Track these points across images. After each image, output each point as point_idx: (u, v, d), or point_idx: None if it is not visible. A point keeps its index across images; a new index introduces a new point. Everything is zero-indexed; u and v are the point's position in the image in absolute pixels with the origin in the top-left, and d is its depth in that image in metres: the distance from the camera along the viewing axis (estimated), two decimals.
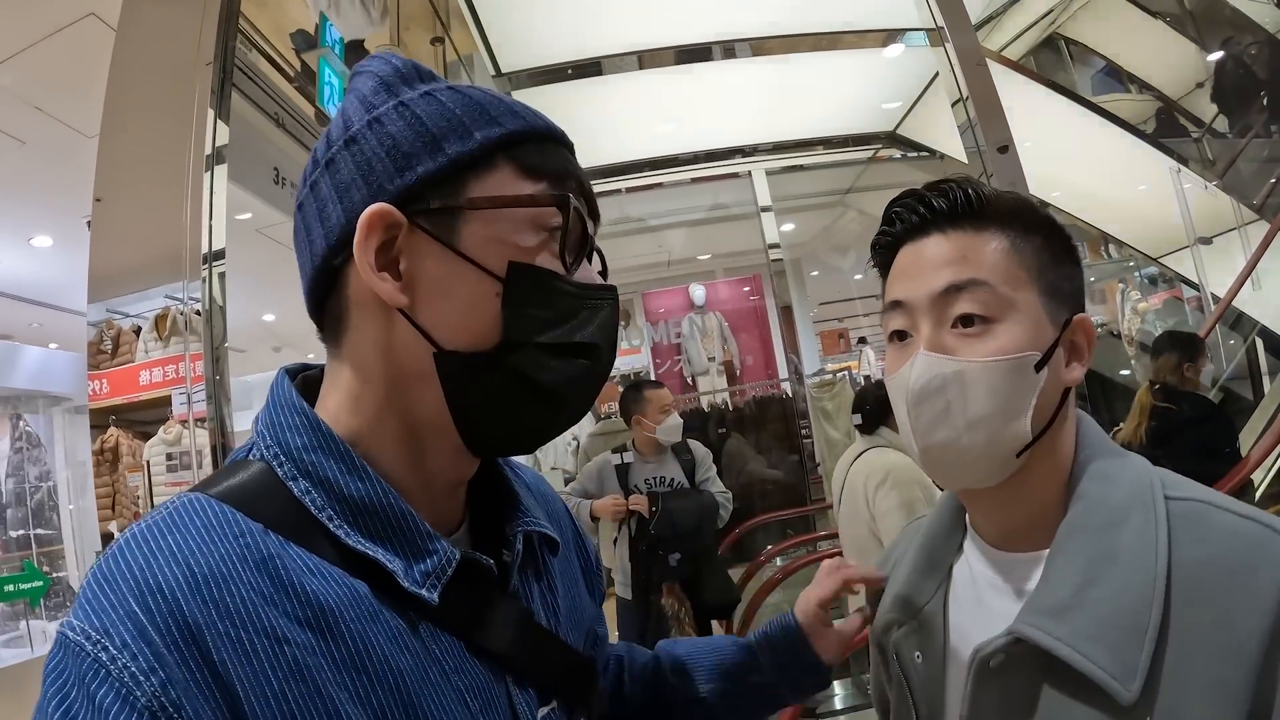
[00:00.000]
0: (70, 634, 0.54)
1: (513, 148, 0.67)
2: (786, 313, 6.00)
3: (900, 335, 0.85)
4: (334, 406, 0.68)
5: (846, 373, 8.06)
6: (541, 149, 0.69)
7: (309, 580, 0.60)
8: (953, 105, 2.96)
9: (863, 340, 10.30)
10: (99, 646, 0.52)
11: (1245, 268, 5.11)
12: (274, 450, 0.65)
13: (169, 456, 2.65)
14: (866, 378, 9.38)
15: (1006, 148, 2.72)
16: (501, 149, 0.66)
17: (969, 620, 0.87)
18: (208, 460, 2.52)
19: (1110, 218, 6.87)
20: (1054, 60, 7.41)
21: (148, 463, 2.64)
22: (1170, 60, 7.18)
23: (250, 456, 0.67)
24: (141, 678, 0.52)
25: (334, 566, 0.62)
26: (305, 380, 0.73)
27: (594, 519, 3.58)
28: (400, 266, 0.65)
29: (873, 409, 3.05)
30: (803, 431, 5.72)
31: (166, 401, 2.66)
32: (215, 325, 2.55)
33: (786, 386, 6.42)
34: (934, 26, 3.08)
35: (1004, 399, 0.77)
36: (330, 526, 0.63)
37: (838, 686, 4.14)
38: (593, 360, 0.69)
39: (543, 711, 0.72)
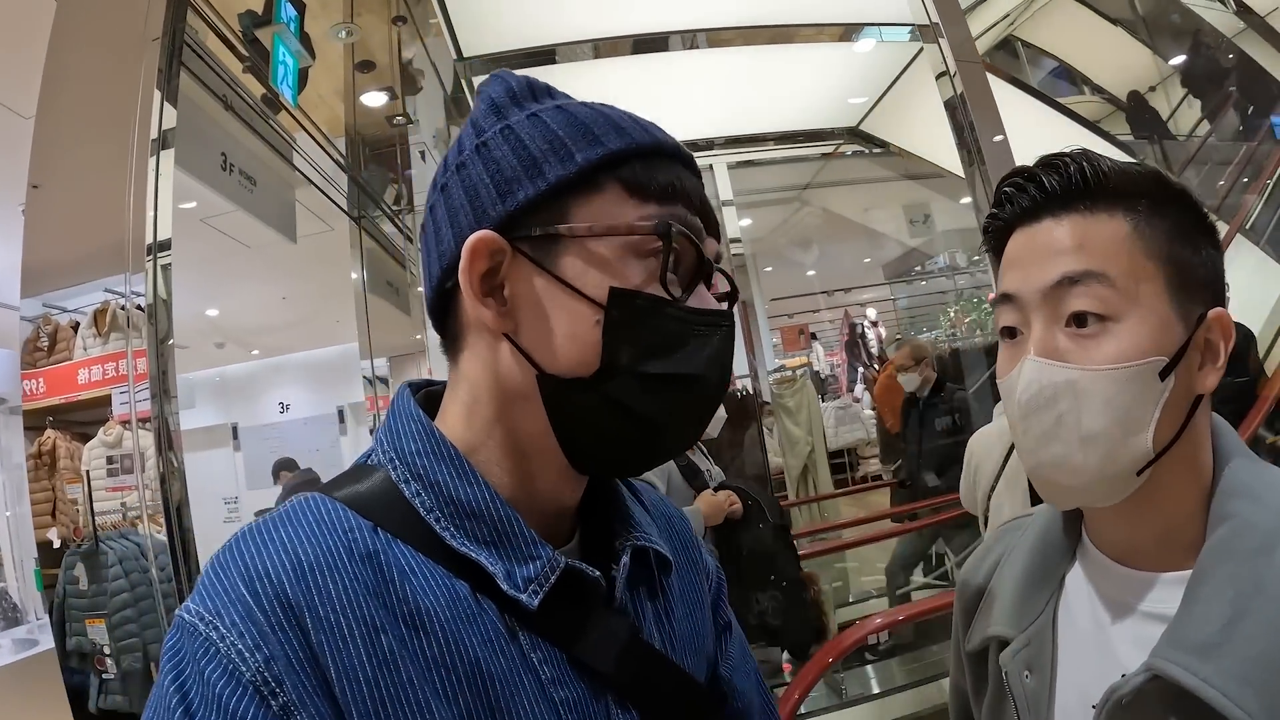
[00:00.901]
0: (186, 616, 0.58)
1: (618, 167, 0.66)
2: (745, 308, 5.97)
3: (1010, 332, 0.77)
4: (451, 419, 0.71)
5: (807, 369, 8.08)
6: (649, 166, 0.67)
7: (410, 578, 0.62)
8: (945, 101, 2.94)
9: (813, 336, 10.41)
10: (210, 627, 0.56)
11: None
12: (390, 455, 0.68)
13: (109, 460, 2.56)
14: (816, 373, 9.48)
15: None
16: (605, 169, 0.65)
17: (1084, 640, 0.80)
18: (151, 463, 2.39)
19: None
20: (1011, 62, 7.52)
21: (87, 472, 2.51)
22: (1124, 63, 7.34)
23: (370, 462, 0.70)
24: (247, 654, 0.55)
25: (438, 566, 0.64)
26: (428, 395, 0.76)
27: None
28: (505, 291, 0.67)
29: None
30: (768, 427, 5.70)
31: (106, 401, 2.57)
32: (160, 320, 2.44)
33: (745, 383, 6.39)
34: (927, 23, 3.06)
35: (1123, 412, 0.69)
36: (437, 528, 0.65)
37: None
38: (696, 389, 0.68)
39: None
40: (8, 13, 3.01)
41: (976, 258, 7.19)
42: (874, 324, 10.26)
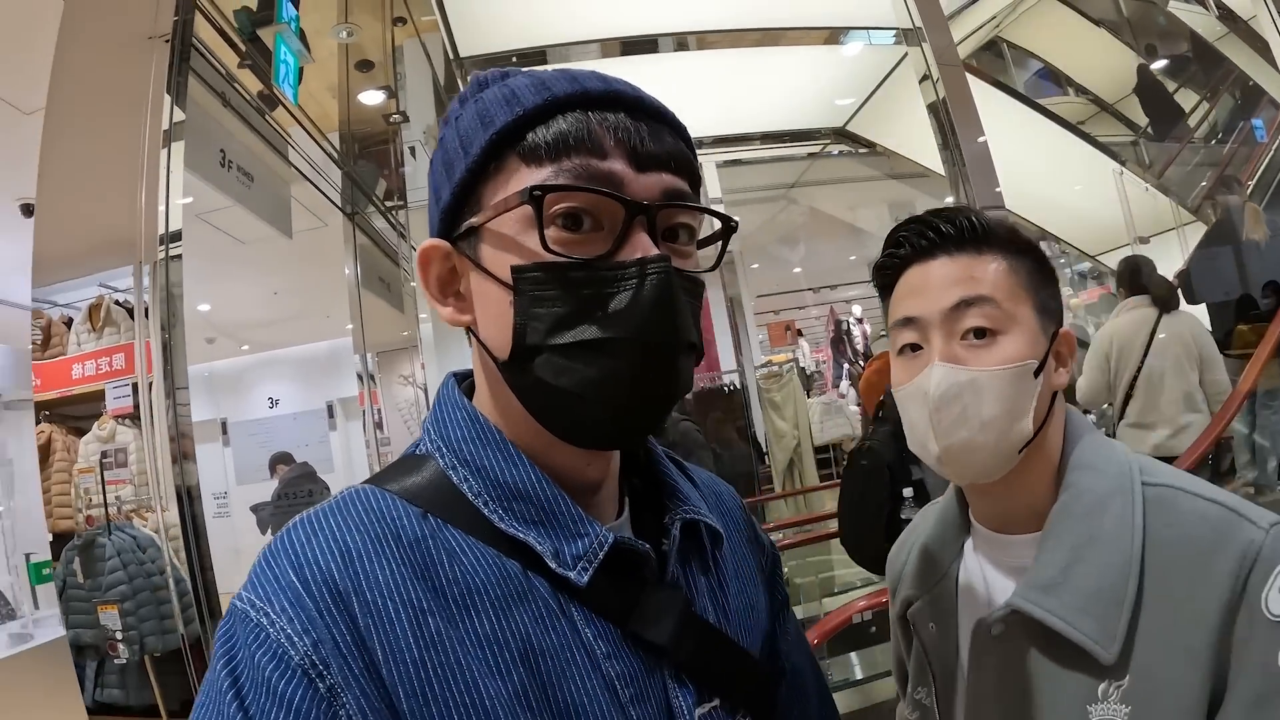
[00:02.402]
0: (239, 603, 0.59)
1: (517, 140, 0.64)
2: (734, 305, 6.03)
3: (912, 348, 0.94)
4: (480, 403, 0.72)
5: (794, 364, 8.14)
6: (548, 127, 0.63)
7: (459, 559, 0.63)
8: (928, 104, 3.01)
9: (799, 333, 10.46)
10: (260, 613, 0.58)
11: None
12: (437, 443, 0.70)
13: (104, 454, 2.60)
14: (802, 370, 9.55)
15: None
16: (505, 146, 0.64)
17: (975, 595, 0.99)
18: (165, 460, 2.43)
19: (1054, 216, 7.08)
20: (996, 63, 7.59)
21: (99, 462, 2.55)
22: (1108, 65, 7.42)
23: (418, 451, 0.72)
24: (296, 639, 0.56)
25: (489, 547, 0.64)
26: (472, 385, 0.76)
27: None
28: (460, 288, 0.69)
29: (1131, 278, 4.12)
30: (747, 422, 5.76)
31: (100, 396, 2.61)
32: (174, 312, 2.49)
33: (734, 378, 6.46)
34: (911, 26, 3.12)
35: (1011, 402, 0.87)
36: (485, 511, 0.65)
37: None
38: (621, 352, 0.61)
39: (702, 710, 0.70)
40: (10, 10, 3.03)
41: None
42: (859, 321, 10.34)
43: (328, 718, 0.55)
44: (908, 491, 2.57)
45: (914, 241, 0.95)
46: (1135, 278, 4.21)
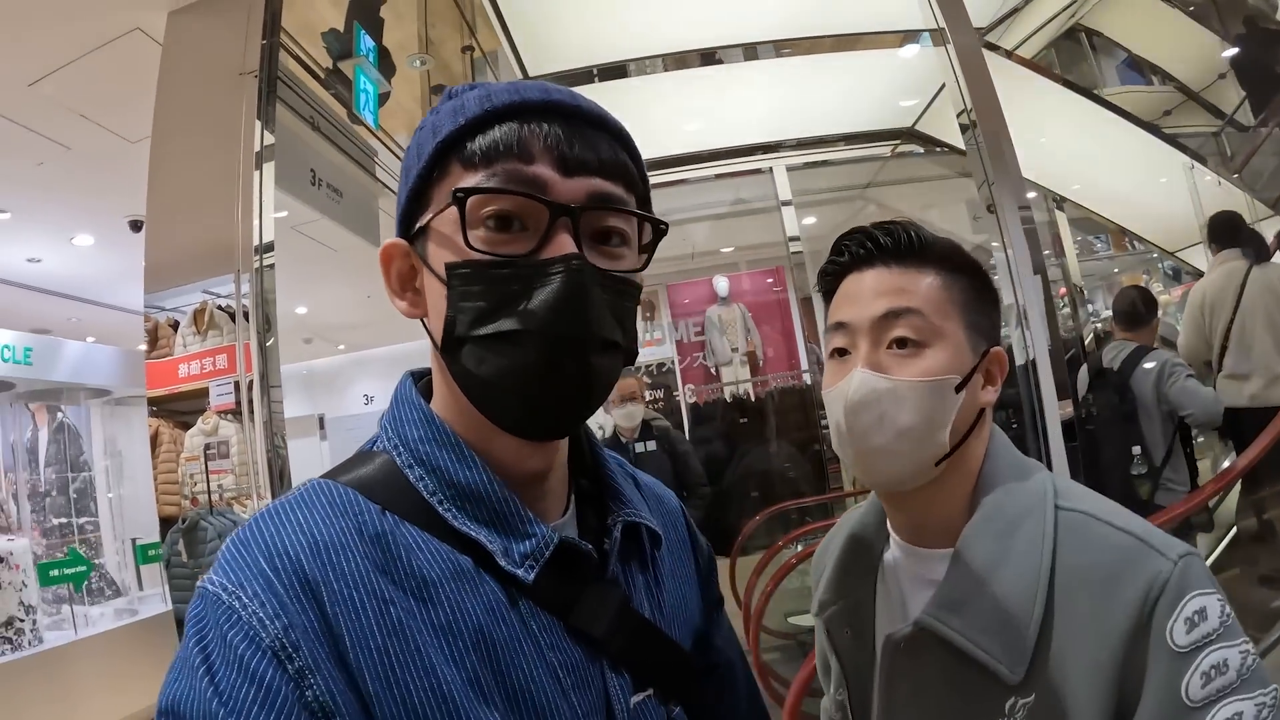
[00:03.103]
0: (210, 587, 0.62)
1: (459, 147, 0.68)
2: (806, 304, 6.07)
3: (841, 352, 0.96)
4: (436, 399, 0.76)
5: None
6: (485, 135, 0.67)
7: (416, 554, 0.66)
8: (958, 115, 3.03)
9: None
10: (233, 596, 0.60)
11: None
12: (394, 442, 0.73)
13: (207, 446, 2.80)
14: None
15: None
16: (449, 153, 0.68)
17: (891, 605, 1.00)
18: (258, 447, 2.67)
19: (1126, 213, 6.87)
20: (1075, 52, 7.37)
21: (204, 452, 2.76)
22: (1192, 52, 7.12)
23: (374, 448, 0.75)
24: (268, 622, 0.59)
25: (442, 543, 0.68)
26: (428, 383, 0.79)
27: None
28: (417, 284, 0.73)
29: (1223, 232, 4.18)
30: (822, 421, 5.79)
31: (204, 393, 2.81)
32: (270, 316, 2.68)
33: (807, 377, 6.51)
34: (936, 27, 3.16)
35: (928, 414, 0.89)
36: (440, 510, 0.69)
37: None
38: (536, 348, 0.64)
39: (636, 698, 0.74)
40: (118, 56, 3.34)
41: (1047, 252, 7.09)
42: None
43: (295, 696, 0.57)
44: None
45: (854, 250, 0.97)
46: (1227, 232, 4.25)
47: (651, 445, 4.11)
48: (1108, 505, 0.89)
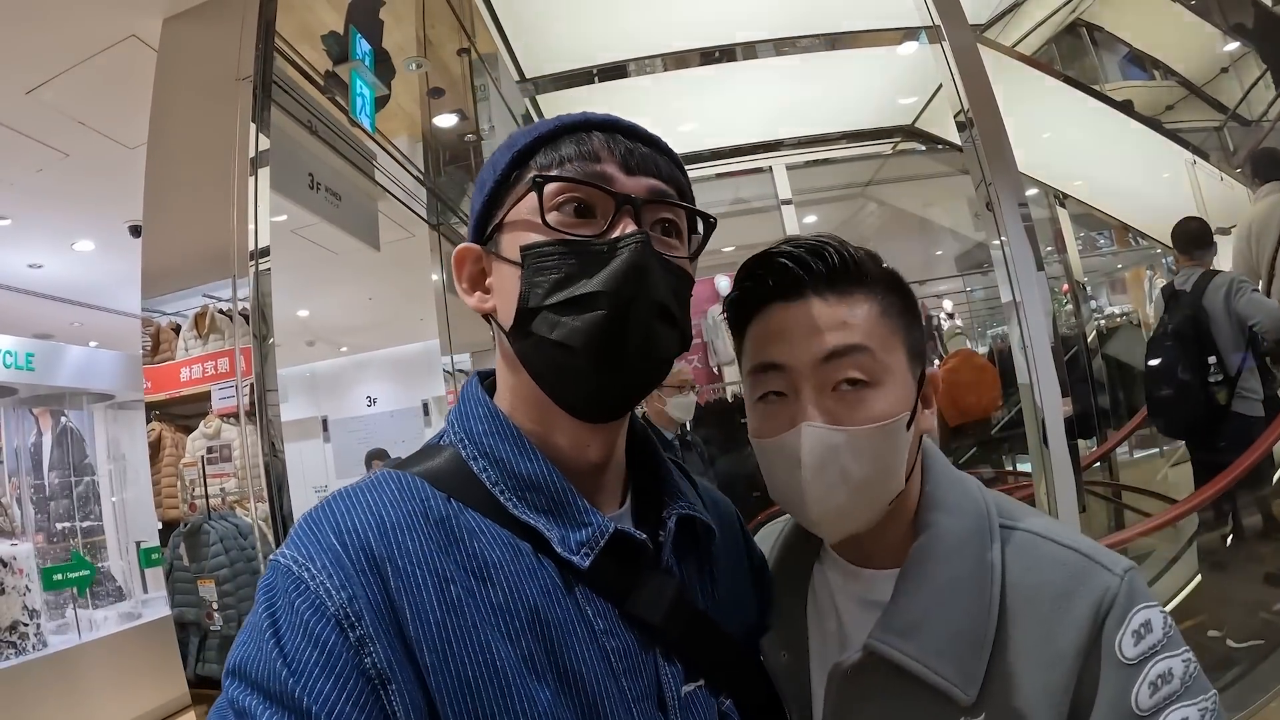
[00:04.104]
0: (281, 560, 0.67)
1: (531, 157, 0.77)
2: None
3: (776, 394, 0.88)
4: (499, 396, 0.82)
5: None
6: (555, 147, 0.76)
7: (478, 537, 0.71)
8: (955, 114, 3.02)
9: None
10: (303, 568, 0.65)
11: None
12: (460, 435, 0.79)
13: (209, 450, 2.78)
14: None
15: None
16: (521, 163, 0.77)
17: (828, 624, 0.95)
18: (251, 451, 2.64)
19: (1129, 208, 6.84)
20: (1077, 48, 7.34)
21: (203, 457, 2.76)
22: (1194, 46, 7.09)
23: (441, 442, 0.80)
24: (334, 592, 0.64)
25: (503, 529, 0.73)
26: (491, 385, 0.85)
27: None
28: (486, 284, 0.80)
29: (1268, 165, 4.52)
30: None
31: (206, 397, 2.78)
32: (268, 319, 2.67)
33: None
34: (931, 24, 3.14)
35: (885, 459, 0.84)
36: (501, 499, 0.74)
37: None
38: (606, 308, 0.71)
39: (688, 687, 0.77)
40: (115, 62, 3.33)
41: (1049, 249, 7.08)
42: (950, 316, 10.12)
43: (355, 661, 0.62)
44: None
45: (777, 278, 0.88)
46: (1270, 164, 4.64)
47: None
48: (1048, 522, 0.89)
